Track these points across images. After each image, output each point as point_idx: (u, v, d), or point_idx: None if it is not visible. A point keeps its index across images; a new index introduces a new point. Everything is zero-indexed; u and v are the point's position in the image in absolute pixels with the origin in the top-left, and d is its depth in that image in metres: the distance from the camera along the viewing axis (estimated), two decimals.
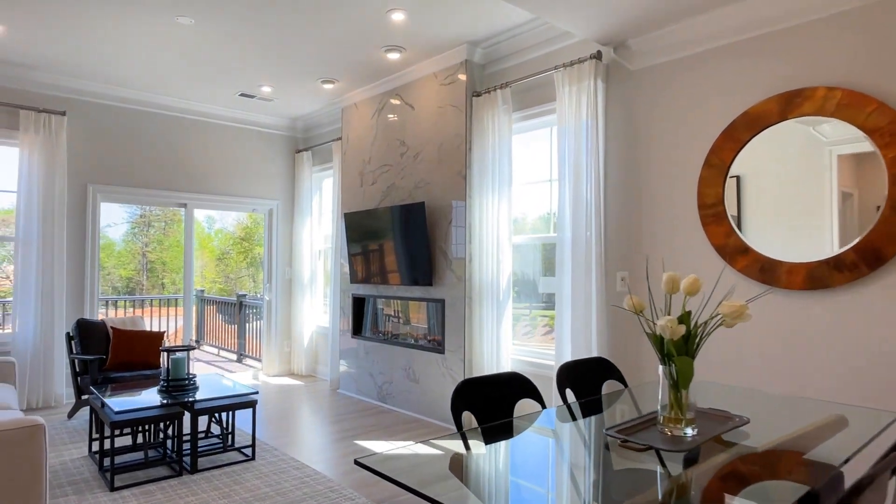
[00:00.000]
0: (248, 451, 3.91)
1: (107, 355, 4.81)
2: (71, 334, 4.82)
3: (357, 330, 5.78)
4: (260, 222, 6.82)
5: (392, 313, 5.48)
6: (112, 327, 4.93)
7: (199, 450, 3.89)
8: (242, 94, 5.83)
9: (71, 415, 4.82)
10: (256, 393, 3.78)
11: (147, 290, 14.18)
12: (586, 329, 3.73)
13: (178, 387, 3.77)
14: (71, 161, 5.41)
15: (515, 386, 2.12)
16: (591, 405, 2.15)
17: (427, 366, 4.90)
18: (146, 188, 5.86)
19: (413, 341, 5.14)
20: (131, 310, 10.22)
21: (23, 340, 5.06)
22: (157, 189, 5.93)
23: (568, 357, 3.84)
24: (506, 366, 4.36)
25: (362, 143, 5.73)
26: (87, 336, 4.83)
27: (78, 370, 4.66)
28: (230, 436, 4.07)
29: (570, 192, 3.85)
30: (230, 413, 4.04)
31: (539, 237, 4.49)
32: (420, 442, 1.62)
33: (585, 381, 2.41)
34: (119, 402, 3.48)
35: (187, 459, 3.72)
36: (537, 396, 2.17)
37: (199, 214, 16.75)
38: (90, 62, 4.93)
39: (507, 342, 4.37)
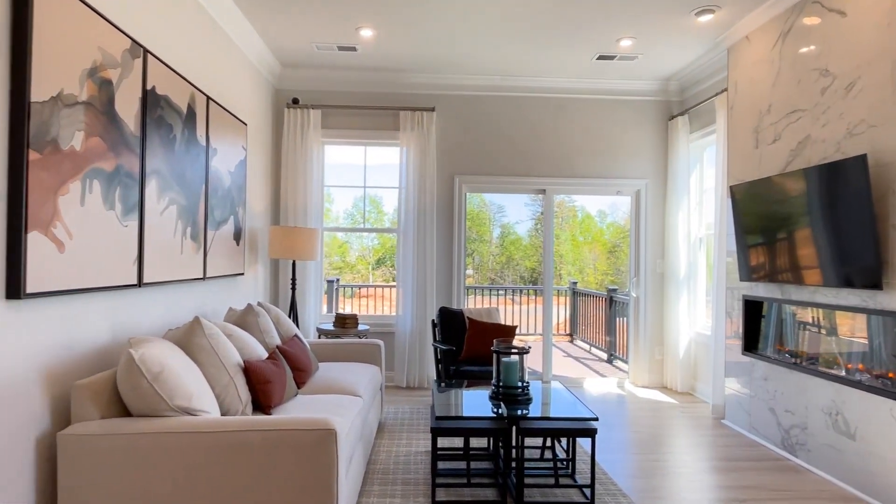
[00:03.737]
0: (588, 492, 3.07)
1: (461, 346, 4.72)
2: (435, 321, 4.93)
3: (751, 344, 4.24)
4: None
5: (809, 323, 3.76)
6: (469, 318, 4.84)
7: (531, 474, 3.26)
8: (600, 57, 5.00)
9: None
10: (596, 419, 2.89)
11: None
12: None
13: (509, 396, 3.21)
14: (439, 154, 5.62)
15: None
16: None
17: (871, 416, 3.08)
18: (505, 175, 5.67)
19: (844, 372, 3.36)
20: (522, 297, 10.70)
21: (403, 322, 5.48)
22: (515, 176, 5.68)
23: None
24: None
25: (757, 87, 4.15)
26: (447, 325, 4.84)
27: (439, 357, 4.70)
28: (570, 463, 3.31)
29: None
30: (570, 439, 3.28)
31: None
32: None
33: None
34: (448, 404, 3.14)
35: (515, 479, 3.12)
36: None
37: (591, 208, 17.18)
38: (448, 54, 4.92)
39: None
